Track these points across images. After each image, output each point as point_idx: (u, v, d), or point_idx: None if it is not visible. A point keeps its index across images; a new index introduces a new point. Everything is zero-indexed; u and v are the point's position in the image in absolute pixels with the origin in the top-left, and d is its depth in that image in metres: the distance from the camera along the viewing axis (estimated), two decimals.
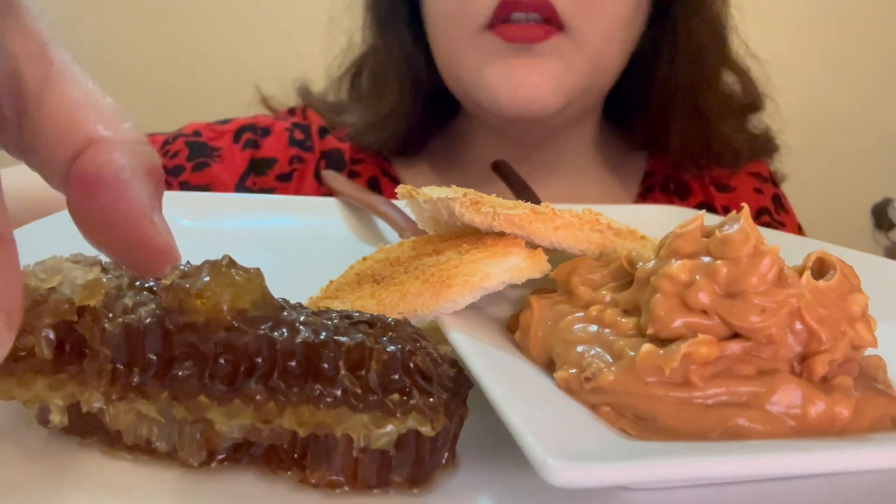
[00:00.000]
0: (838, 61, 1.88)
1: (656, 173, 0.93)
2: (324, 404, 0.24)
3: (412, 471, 0.25)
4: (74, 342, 0.26)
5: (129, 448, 0.26)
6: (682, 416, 0.26)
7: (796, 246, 0.50)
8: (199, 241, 0.55)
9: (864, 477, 0.27)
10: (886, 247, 2.01)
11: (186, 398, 0.25)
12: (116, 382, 0.25)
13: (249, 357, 0.24)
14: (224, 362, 0.24)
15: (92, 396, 0.25)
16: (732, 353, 0.27)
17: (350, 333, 0.25)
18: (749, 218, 0.29)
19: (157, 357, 0.25)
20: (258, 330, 0.25)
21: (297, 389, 0.24)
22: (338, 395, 0.24)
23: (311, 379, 0.24)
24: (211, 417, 0.25)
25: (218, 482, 0.25)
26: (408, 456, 0.25)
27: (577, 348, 0.29)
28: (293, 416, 0.24)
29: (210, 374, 0.25)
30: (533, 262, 0.34)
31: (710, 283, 0.28)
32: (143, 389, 0.25)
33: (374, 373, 0.24)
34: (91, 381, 0.25)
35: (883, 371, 0.31)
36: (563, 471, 0.21)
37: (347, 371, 0.24)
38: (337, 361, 0.24)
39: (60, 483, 0.25)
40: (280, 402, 0.24)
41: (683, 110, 0.85)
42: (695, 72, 0.84)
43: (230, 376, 0.25)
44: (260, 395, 0.24)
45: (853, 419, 0.27)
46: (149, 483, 0.25)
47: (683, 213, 0.71)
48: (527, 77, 0.72)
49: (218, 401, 0.25)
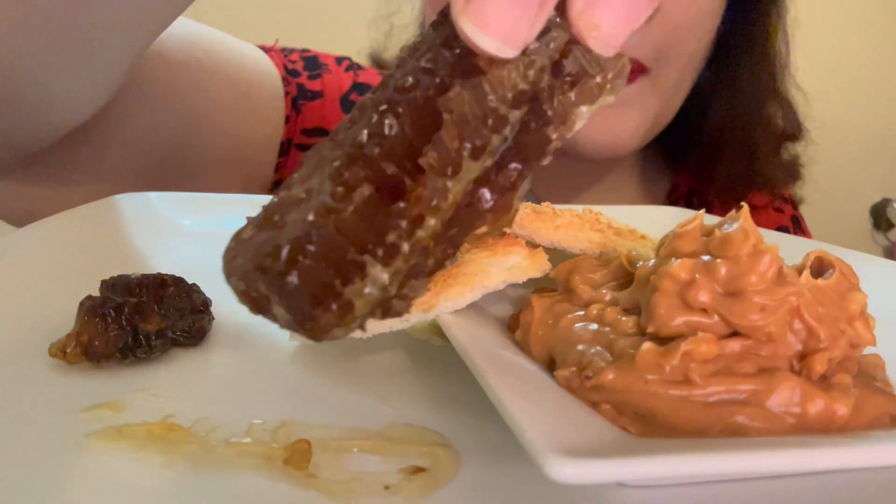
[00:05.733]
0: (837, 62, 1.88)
1: (680, 188, 0.94)
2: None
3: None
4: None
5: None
6: (681, 413, 0.26)
7: (795, 245, 0.50)
8: (200, 241, 0.55)
9: (862, 474, 0.28)
10: (885, 247, 2.02)
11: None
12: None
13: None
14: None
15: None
16: (732, 352, 0.27)
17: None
18: (748, 217, 0.29)
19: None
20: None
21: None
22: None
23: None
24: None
25: (218, 482, 0.26)
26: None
27: (578, 347, 0.29)
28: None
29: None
30: (533, 261, 0.34)
31: (710, 281, 0.28)
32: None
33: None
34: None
35: (881, 369, 0.31)
36: (564, 467, 0.21)
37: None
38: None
39: (61, 480, 0.25)
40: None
41: (735, 146, 0.86)
42: (751, 111, 0.85)
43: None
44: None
45: (852, 417, 0.27)
46: (149, 482, 0.25)
47: (683, 212, 0.71)
48: (609, 124, 0.73)
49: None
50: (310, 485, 0.26)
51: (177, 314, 0.36)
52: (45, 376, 0.32)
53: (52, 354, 0.32)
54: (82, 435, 0.28)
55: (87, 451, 0.27)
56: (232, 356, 0.36)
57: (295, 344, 0.36)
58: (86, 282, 0.37)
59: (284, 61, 0.81)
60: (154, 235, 0.54)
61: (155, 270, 0.38)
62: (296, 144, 0.79)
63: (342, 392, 0.33)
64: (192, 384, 0.33)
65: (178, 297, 0.36)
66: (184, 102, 0.69)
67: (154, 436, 0.28)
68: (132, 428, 0.28)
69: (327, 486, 0.26)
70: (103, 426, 0.28)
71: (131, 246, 0.51)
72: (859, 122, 1.93)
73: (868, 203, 2.05)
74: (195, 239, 0.55)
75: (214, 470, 0.26)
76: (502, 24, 0.21)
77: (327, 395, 0.32)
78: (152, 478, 0.26)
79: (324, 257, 0.21)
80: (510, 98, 0.23)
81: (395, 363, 0.36)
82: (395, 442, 0.29)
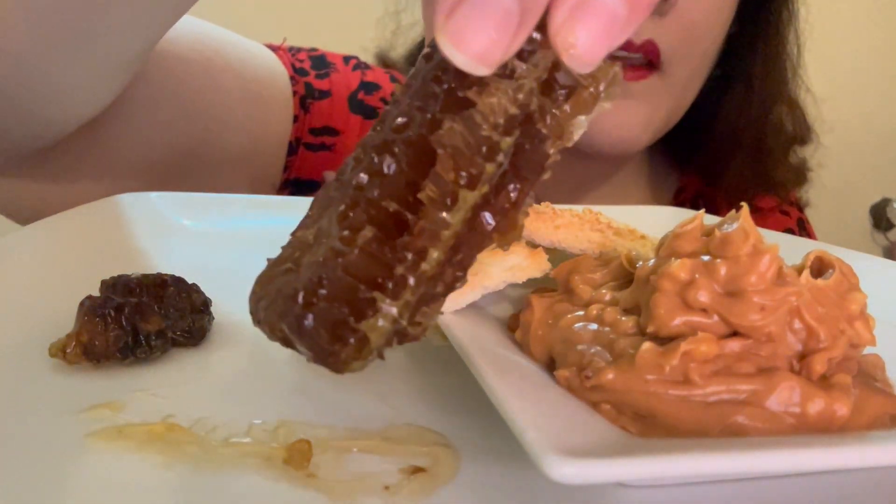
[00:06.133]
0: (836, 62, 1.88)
1: (687, 189, 0.94)
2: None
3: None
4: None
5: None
6: (681, 413, 0.26)
7: (795, 245, 0.50)
8: (200, 241, 0.55)
9: (862, 474, 0.28)
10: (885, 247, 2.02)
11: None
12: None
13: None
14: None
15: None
16: (732, 352, 0.27)
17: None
18: (748, 217, 0.29)
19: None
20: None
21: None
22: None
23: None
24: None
25: (218, 482, 0.26)
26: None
27: (578, 347, 0.29)
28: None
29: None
30: (533, 261, 0.34)
31: (710, 281, 0.28)
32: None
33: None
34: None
35: (881, 369, 0.31)
36: (564, 467, 0.21)
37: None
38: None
39: (61, 480, 0.25)
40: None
41: (746, 147, 0.86)
42: (762, 113, 0.85)
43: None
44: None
45: (852, 417, 0.27)
46: (149, 482, 0.25)
47: (682, 212, 0.71)
48: (621, 118, 0.73)
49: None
50: (310, 485, 0.26)
51: (177, 314, 0.36)
52: (46, 376, 0.32)
53: (53, 354, 0.32)
54: (82, 435, 0.28)
55: (88, 451, 0.27)
56: (232, 356, 0.36)
57: None
58: (86, 282, 0.37)
59: (293, 60, 0.81)
60: (154, 235, 0.54)
61: (155, 270, 0.38)
62: (304, 144, 0.80)
63: (342, 392, 0.33)
64: (192, 384, 0.33)
65: (178, 297, 0.36)
66: (194, 101, 0.69)
67: (154, 436, 0.28)
68: (132, 428, 0.28)
69: (327, 485, 0.26)
70: (103, 426, 0.28)
71: (131, 246, 0.51)
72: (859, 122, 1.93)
73: (868, 203, 2.05)
74: (195, 239, 0.55)
75: (214, 470, 0.26)
76: (478, 43, 0.22)
77: (327, 395, 0.32)
78: (152, 478, 0.26)
79: (336, 298, 0.23)
80: (502, 124, 0.24)
81: (395, 363, 0.36)
82: (395, 442, 0.29)
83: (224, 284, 0.41)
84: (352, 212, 0.24)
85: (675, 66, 0.73)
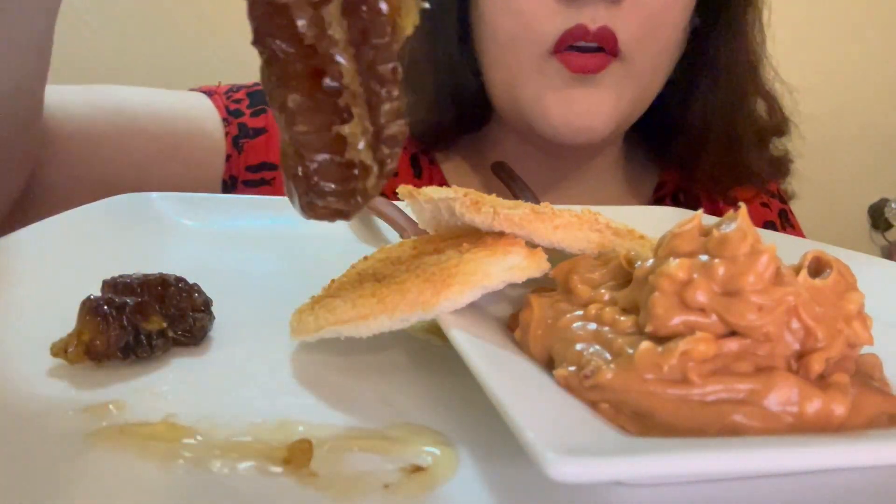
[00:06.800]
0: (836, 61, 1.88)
1: (667, 184, 0.94)
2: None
3: None
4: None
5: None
6: (680, 412, 0.26)
7: (793, 245, 0.51)
8: (200, 240, 0.56)
9: (860, 473, 0.28)
10: (883, 247, 2.02)
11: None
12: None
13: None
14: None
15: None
16: (730, 351, 0.27)
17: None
18: (746, 217, 0.29)
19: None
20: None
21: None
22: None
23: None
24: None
25: (218, 482, 0.26)
26: None
27: (577, 346, 0.30)
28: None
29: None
30: (533, 261, 0.34)
31: (708, 281, 0.28)
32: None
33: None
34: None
35: (879, 369, 0.31)
36: (562, 466, 0.21)
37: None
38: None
39: (61, 480, 0.25)
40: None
41: (718, 137, 0.86)
42: (732, 101, 0.85)
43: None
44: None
45: (850, 416, 0.27)
46: (149, 481, 0.25)
47: (681, 213, 0.71)
48: (585, 107, 0.74)
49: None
50: (310, 483, 0.26)
51: (178, 314, 0.36)
52: (47, 376, 0.32)
53: (54, 354, 0.33)
54: (83, 434, 0.28)
55: (89, 450, 0.27)
56: (232, 356, 0.36)
57: (296, 343, 0.37)
58: (87, 281, 0.37)
59: (227, 103, 0.84)
60: (155, 235, 0.54)
61: (156, 270, 0.38)
62: (242, 181, 0.83)
63: (342, 392, 0.33)
64: (192, 384, 0.33)
65: (179, 296, 0.36)
66: (107, 168, 0.73)
67: (155, 435, 0.28)
68: (133, 427, 0.28)
69: (327, 485, 0.26)
70: (104, 425, 0.28)
71: (132, 246, 0.51)
72: (858, 121, 1.93)
73: (866, 203, 2.05)
74: (196, 239, 0.55)
75: (215, 469, 0.26)
76: None
77: (327, 395, 0.32)
78: (153, 477, 0.26)
79: (318, 152, 0.28)
80: None
81: (395, 363, 0.36)
82: (394, 441, 0.29)
83: (225, 284, 0.41)
84: (280, 96, 0.28)
85: (635, 53, 0.73)
